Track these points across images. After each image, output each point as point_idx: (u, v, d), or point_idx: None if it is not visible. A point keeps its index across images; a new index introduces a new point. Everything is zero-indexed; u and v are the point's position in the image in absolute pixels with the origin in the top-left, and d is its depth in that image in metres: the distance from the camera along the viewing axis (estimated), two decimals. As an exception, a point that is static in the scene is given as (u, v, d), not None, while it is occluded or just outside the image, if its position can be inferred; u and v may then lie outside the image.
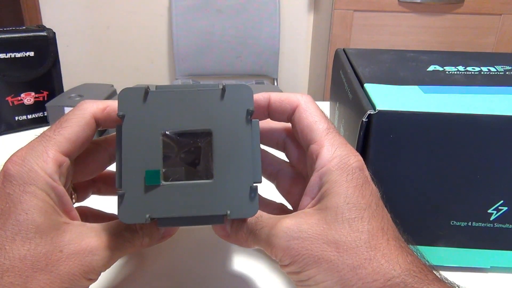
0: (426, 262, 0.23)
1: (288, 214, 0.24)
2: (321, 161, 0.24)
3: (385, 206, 0.24)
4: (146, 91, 0.23)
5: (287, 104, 0.26)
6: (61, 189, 0.23)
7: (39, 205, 0.22)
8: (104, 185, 0.30)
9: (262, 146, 0.28)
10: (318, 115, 0.26)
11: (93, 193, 0.30)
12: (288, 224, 0.23)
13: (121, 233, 0.24)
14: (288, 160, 0.30)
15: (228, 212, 0.22)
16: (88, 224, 0.24)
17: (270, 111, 0.27)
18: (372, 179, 0.25)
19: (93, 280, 0.23)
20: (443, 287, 0.21)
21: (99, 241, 0.23)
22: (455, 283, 0.23)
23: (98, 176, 0.29)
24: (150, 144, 0.23)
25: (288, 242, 0.22)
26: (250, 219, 0.24)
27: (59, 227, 0.22)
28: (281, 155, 0.30)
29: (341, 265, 0.21)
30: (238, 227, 0.25)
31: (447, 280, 0.23)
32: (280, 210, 0.30)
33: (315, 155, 0.25)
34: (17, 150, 0.24)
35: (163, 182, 0.22)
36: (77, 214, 0.25)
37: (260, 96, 0.26)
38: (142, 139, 0.23)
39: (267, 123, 0.29)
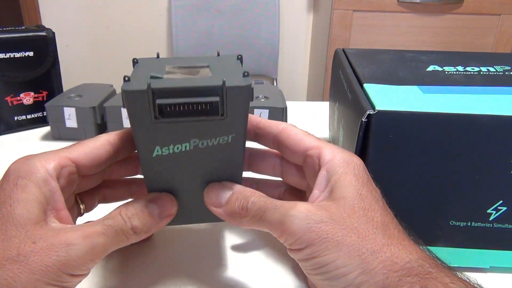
0: (433, 255, 0.24)
1: (303, 202, 0.24)
2: (325, 158, 0.26)
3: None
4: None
5: (274, 125, 0.28)
6: (55, 185, 0.24)
7: (24, 198, 0.22)
8: (109, 190, 0.31)
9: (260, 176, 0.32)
10: (304, 133, 0.28)
11: (99, 201, 0.31)
12: (309, 208, 0.23)
13: (104, 223, 0.23)
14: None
15: (224, 79, 0.22)
16: (73, 225, 0.24)
17: (258, 129, 0.29)
18: (373, 180, 0.26)
19: (79, 275, 0.22)
20: (455, 275, 0.22)
21: (78, 233, 0.22)
22: (463, 274, 0.23)
23: (102, 183, 0.30)
24: (156, 69, 0.25)
25: (309, 224, 0.22)
26: (260, 200, 0.24)
27: (38, 221, 0.22)
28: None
29: (362, 248, 0.22)
30: (243, 199, 0.25)
31: (455, 269, 0.23)
32: (289, 190, 0.32)
33: (316, 157, 0.26)
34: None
35: (165, 76, 0.24)
36: (69, 215, 0.25)
37: (253, 119, 0.29)
38: (150, 68, 0.25)
39: (261, 155, 0.31)
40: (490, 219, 0.29)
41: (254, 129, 0.29)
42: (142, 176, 0.29)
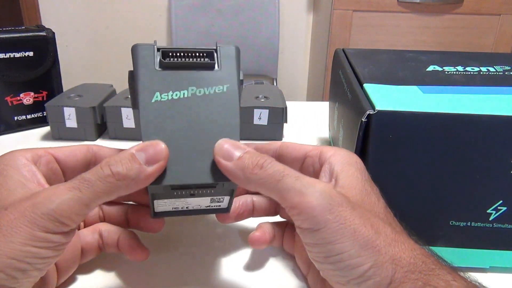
0: (432, 251, 0.24)
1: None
2: (326, 154, 0.26)
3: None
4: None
5: (270, 144, 0.29)
6: (34, 167, 0.25)
7: (3, 179, 0.23)
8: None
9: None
10: (302, 144, 0.28)
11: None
12: (330, 188, 0.22)
13: (83, 176, 0.22)
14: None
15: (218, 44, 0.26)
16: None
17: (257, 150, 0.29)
18: (372, 180, 0.26)
19: (59, 233, 0.21)
20: (457, 273, 0.22)
21: (49, 189, 0.22)
22: (466, 273, 0.23)
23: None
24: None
25: (330, 205, 0.21)
26: (279, 164, 0.23)
27: (16, 193, 0.23)
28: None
29: (376, 241, 0.21)
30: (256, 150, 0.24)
31: (453, 266, 0.24)
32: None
33: (316, 156, 0.27)
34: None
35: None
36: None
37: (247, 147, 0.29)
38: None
39: (259, 200, 0.32)
40: (490, 219, 0.29)
41: None
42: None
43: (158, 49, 0.26)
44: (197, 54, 0.26)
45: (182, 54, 0.26)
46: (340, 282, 0.22)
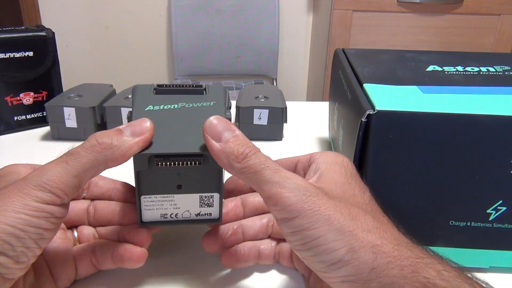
0: (418, 243, 0.24)
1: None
2: (315, 156, 0.27)
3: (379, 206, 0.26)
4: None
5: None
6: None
7: (10, 179, 0.25)
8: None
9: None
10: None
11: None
12: (306, 182, 0.23)
13: (70, 150, 0.24)
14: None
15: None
16: None
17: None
18: (372, 180, 0.27)
19: (51, 203, 0.22)
20: (448, 264, 0.22)
21: (39, 166, 0.23)
22: (449, 259, 0.23)
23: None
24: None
25: (304, 195, 0.22)
26: (262, 155, 0.24)
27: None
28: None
29: (353, 225, 0.22)
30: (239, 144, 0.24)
31: (438, 254, 0.23)
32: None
33: (306, 160, 0.28)
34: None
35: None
36: None
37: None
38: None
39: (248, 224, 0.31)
40: (490, 219, 0.29)
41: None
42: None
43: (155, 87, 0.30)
44: (189, 86, 0.30)
45: (175, 86, 0.30)
46: (321, 269, 0.22)
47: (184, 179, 0.27)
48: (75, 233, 0.30)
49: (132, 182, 0.28)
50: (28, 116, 0.57)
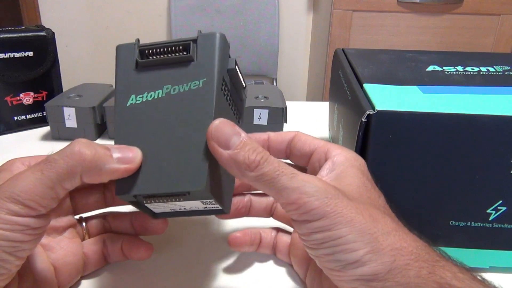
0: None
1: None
2: (332, 152, 0.26)
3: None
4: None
5: (285, 135, 0.29)
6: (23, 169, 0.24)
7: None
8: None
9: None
10: (315, 137, 0.28)
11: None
12: (326, 183, 0.23)
13: (48, 157, 0.22)
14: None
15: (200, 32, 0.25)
16: None
17: (270, 142, 0.29)
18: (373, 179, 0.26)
19: (26, 215, 0.21)
20: (462, 267, 0.23)
21: (16, 174, 0.22)
22: (465, 266, 0.24)
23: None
24: None
25: (326, 198, 0.22)
26: (275, 161, 0.22)
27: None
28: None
29: (374, 228, 0.22)
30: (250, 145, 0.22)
31: (456, 260, 0.24)
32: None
33: (322, 152, 0.27)
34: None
35: None
36: None
37: (261, 134, 0.29)
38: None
39: (256, 200, 0.32)
40: (490, 219, 0.29)
41: (266, 143, 0.29)
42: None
43: (139, 46, 0.26)
44: (174, 48, 0.25)
45: (158, 50, 0.25)
46: (336, 268, 0.22)
47: (176, 200, 0.25)
48: (84, 224, 0.30)
49: None
50: (28, 116, 0.57)
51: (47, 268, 0.27)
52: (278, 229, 0.32)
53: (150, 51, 0.26)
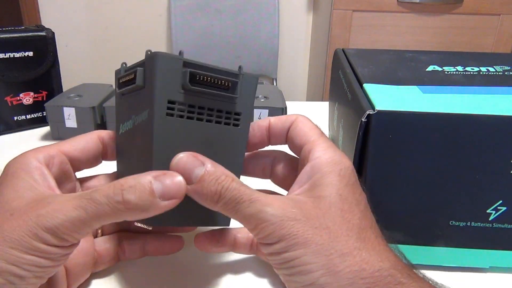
0: (409, 263, 0.23)
1: (279, 195, 0.24)
2: (314, 154, 0.25)
3: (377, 208, 0.25)
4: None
5: (285, 120, 0.28)
6: (45, 170, 0.24)
7: (14, 183, 0.23)
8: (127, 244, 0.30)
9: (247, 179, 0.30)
10: (312, 126, 0.27)
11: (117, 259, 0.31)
12: (284, 205, 0.23)
13: (87, 196, 0.21)
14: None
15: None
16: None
17: (270, 129, 0.28)
18: (361, 185, 0.25)
19: (58, 246, 0.21)
20: (429, 285, 0.22)
21: (56, 201, 0.21)
22: (438, 283, 0.23)
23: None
24: None
25: (282, 221, 0.22)
26: (234, 188, 0.22)
27: (25, 197, 0.22)
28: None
29: (331, 249, 0.21)
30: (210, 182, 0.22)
31: (432, 280, 0.23)
32: None
33: (308, 151, 0.26)
34: None
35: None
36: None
37: (262, 121, 0.29)
38: None
39: (250, 157, 0.30)
40: (490, 219, 0.29)
41: (266, 132, 0.29)
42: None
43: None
44: (129, 75, 0.25)
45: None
46: None
47: None
48: None
49: None
50: (28, 116, 0.57)
51: (59, 269, 0.27)
52: None
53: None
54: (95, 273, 0.30)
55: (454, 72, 0.35)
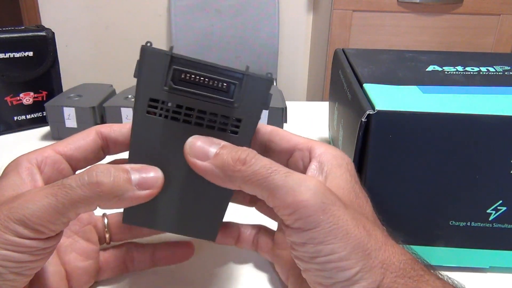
0: (416, 255, 0.23)
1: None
2: (317, 151, 0.24)
3: (377, 208, 0.25)
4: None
5: (260, 127, 0.26)
6: (34, 170, 0.24)
7: (3, 184, 0.23)
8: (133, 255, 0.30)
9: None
10: (293, 133, 0.26)
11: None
12: (324, 186, 0.21)
13: (62, 182, 0.21)
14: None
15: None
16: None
17: None
18: (372, 180, 0.26)
19: (33, 238, 0.20)
20: (445, 280, 0.22)
21: (29, 193, 0.21)
22: (451, 278, 0.23)
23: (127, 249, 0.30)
24: None
25: (324, 204, 0.20)
26: (264, 158, 0.21)
27: (5, 194, 0.22)
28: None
29: (367, 244, 0.20)
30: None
31: (440, 272, 0.23)
32: (258, 230, 0.31)
33: (306, 150, 0.25)
34: None
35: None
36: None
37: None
38: None
39: None
40: (490, 219, 0.29)
41: None
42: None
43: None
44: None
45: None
46: (324, 283, 0.21)
47: None
48: (106, 221, 0.29)
49: None
50: (28, 116, 0.57)
51: (58, 271, 0.26)
52: (261, 227, 0.31)
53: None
54: (100, 282, 0.29)
55: (454, 72, 0.35)
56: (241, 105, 0.22)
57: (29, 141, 0.54)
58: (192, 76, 0.22)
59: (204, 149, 0.21)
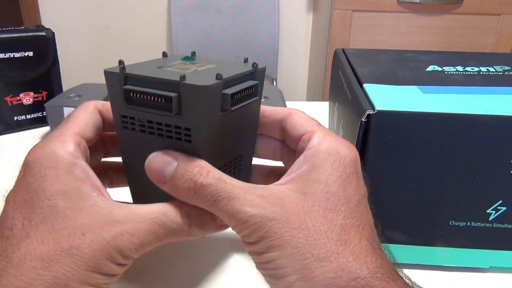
0: (397, 268, 0.22)
1: (262, 187, 0.23)
2: (311, 143, 0.24)
3: (372, 207, 0.24)
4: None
5: (279, 111, 0.27)
6: (85, 165, 0.23)
7: (61, 189, 0.21)
8: (116, 175, 0.30)
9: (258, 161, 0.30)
10: (309, 117, 0.27)
11: (107, 186, 0.30)
12: (264, 203, 0.21)
13: (162, 220, 0.22)
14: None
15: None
16: (120, 204, 0.22)
17: (263, 118, 0.28)
18: (364, 178, 0.24)
19: (123, 265, 0.22)
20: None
21: (125, 225, 0.21)
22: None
23: (108, 165, 0.30)
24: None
25: (261, 222, 0.21)
26: (211, 184, 0.22)
27: (83, 209, 0.21)
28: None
29: (307, 253, 0.20)
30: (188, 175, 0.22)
31: (418, 287, 0.22)
32: (270, 174, 0.30)
33: (306, 141, 0.25)
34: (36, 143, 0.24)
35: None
36: (106, 191, 0.24)
37: None
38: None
39: (261, 139, 0.29)
40: (490, 219, 0.29)
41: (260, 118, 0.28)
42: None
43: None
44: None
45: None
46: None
47: None
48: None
49: None
50: (28, 116, 0.57)
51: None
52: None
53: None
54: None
55: (454, 72, 0.35)
56: (186, 114, 0.22)
57: (29, 141, 0.54)
58: (138, 94, 0.23)
59: (160, 172, 0.23)
